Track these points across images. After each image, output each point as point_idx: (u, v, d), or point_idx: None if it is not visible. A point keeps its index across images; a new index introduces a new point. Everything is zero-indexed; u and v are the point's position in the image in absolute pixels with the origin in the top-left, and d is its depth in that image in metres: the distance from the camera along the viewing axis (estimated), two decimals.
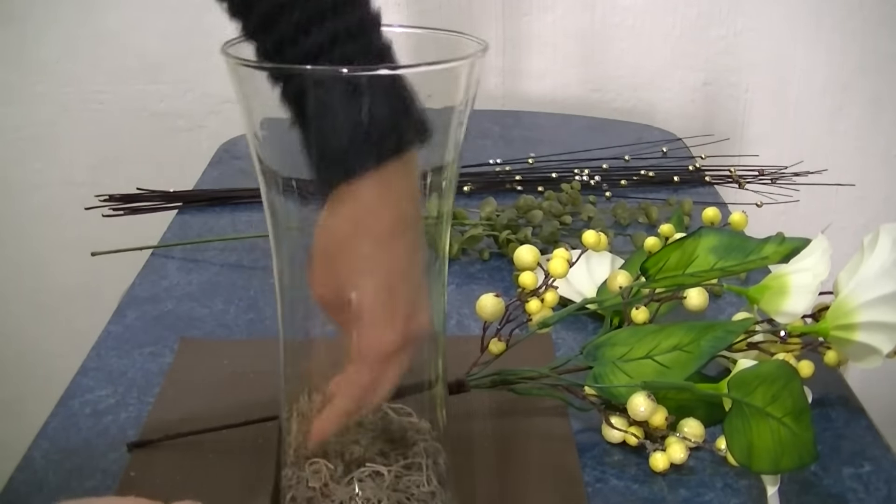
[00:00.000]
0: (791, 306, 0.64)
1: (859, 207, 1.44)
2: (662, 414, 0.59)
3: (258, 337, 0.78)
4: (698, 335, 0.60)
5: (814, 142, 1.43)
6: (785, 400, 0.56)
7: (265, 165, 0.46)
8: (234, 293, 0.85)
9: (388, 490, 0.48)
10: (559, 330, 0.77)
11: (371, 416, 0.51)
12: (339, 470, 0.49)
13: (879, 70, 1.40)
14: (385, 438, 0.50)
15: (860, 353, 0.64)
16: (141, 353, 0.75)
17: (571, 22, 1.39)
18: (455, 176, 0.47)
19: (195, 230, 0.98)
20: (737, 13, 1.38)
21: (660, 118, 1.40)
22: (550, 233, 0.90)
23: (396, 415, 0.51)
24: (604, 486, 0.60)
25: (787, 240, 0.62)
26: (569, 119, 1.32)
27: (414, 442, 0.50)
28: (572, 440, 0.64)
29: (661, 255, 0.64)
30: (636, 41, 1.40)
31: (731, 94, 1.43)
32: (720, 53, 1.41)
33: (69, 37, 1.34)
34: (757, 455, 0.56)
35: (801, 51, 1.40)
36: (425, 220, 0.47)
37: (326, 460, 0.49)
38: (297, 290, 0.49)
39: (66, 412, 0.68)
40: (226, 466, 0.62)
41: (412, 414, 0.51)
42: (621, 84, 1.43)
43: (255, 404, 0.67)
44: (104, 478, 0.61)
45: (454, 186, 0.48)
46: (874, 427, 0.66)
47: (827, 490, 0.60)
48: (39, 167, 1.42)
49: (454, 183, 0.47)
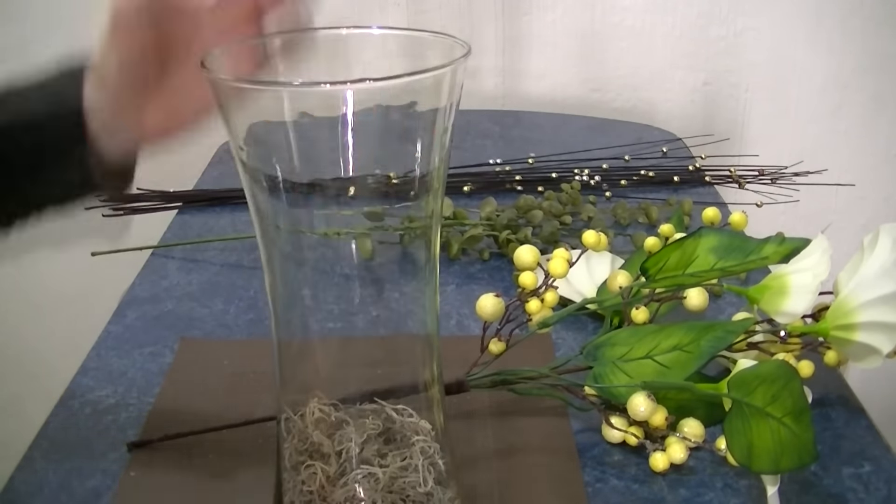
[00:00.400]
0: (791, 306, 0.64)
1: (859, 207, 1.44)
2: (662, 414, 0.59)
3: (258, 337, 0.78)
4: (698, 335, 0.60)
5: (814, 142, 1.43)
6: (785, 400, 0.56)
7: (248, 167, 0.46)
8: (234, 293, 0.85)
9: (382, 492, 0.48)
10: (559, 330, 0.77)
11: (371, 417, 0.51)
12: (336, 472, 0.49)
13: (879, 70, 1.40)
14: (384, 439, 0.50)
15: (860, 353, 0.64)
16: (141, 353, 0.75)
17: (571, 22, 1.39)
18: (443, 179, 0.47)
19: (195, 230, 0.98)
20: (737, 13, 1.38)
21: (660, 118, 1.40)
22: (550, 233, 0.90)
23: (397, 415, 0.51)
24: (604, 486, 0.60)
25: (787, 240, 0.62)
26: (569, 119, 1.32)
27: (413, 442, 0.50)
28: (572, 440, 0.64)
29: (661, 255, 0.64)
30: (636, 41, 1.40)
31: (731, 94, 1.43)
32: (720, 53, 1.41)
33: (69, 37, 1.34)
34: (757, 455, 0.56)
35: (801, 51, 1.40)
36: (419, 221, 0.47)
37: (323, 462, 0.49)
38: (289, 290, 0.49)
39: (66, 412, 0.68)
40: (226, 466, 0.62)
41: (413, 414, 0.51)
42: (621, 84, 1.43)
43: (255, 404, 0.67)
44: (104, 478, 0.61)
45: (443, 189, 0.48)
46: (874, 427, 0.66)
47: (827, 490, 0.60)
48: None
49: (443, 185, 0.47)
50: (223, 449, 0.63)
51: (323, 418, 0.50)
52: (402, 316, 0.51)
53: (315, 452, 0.50)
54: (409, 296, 0.50)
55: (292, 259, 0.48)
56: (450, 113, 0.45)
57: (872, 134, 1.44)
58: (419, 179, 0.46)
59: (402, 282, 0.51)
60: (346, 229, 0.47)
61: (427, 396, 0.51)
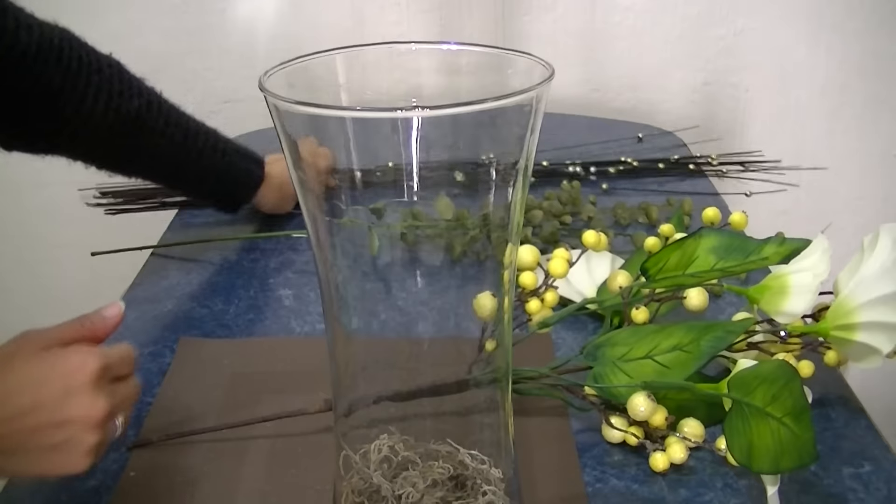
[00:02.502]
0: (791, 306, 0.64)
1: (859, 207, 1.44)
2: (662, 414, 0.60)
3: (258, 337, 0.78)
4: (698, 335, 0.60)
5: (814, 142, 1.43)
6: (785, 400, 0.56)
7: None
8: (234, 293, 0.85)
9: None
10: (559, 330, 0.77)
11: (441, 460, 0.48)
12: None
13: (879, 70, 1.40)
14: (454, 484, 0.48)
15: (860, 353, 0.64)
16: (141, 353, 0.75)
17: (571, 21, 1.39)
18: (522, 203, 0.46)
19: (195, 230, 0.98)
20: (737, 13, 1.38)
21: (660, 118, 1.40)
22: (550, 233, 0.90)
23: (470, 460, 0.48)
24: (604, 486, 0.60)
25: (788, 240, 0.62)
26: (568, 119, 1.32)
27: (483, 492, 0.48)
28: (572, 440, 0.64)
29: (661, 256, 0.64)
30: (636, 41, 1.40)
31: (731, 94, 1.43)
32: (720, 53, 1.41)
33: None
34: (757, 455, 0.56)
35: (801, 51, 1.40)
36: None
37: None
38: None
39: None
40: (225, 466, 0.62)
41: (485, 461, 0.48)
42: (621, 84, 1.43)
43: (256, 404, 0.67)
44: (104, 478, 0.61)
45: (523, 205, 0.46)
46: (874, 427, 0.66)
47: (827, 490, 0.60)
48: (40, 167, 1.42)
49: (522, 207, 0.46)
50: (223, 449, 0.63)
51: (389, 457, 0.48)
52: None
53: (374, 494, 0.47)
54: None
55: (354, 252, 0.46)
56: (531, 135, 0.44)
57: (872, 134, 1.44)
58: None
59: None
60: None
61: (499, 442, 0.49)
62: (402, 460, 0.48)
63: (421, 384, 0.49)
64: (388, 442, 0.48)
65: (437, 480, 0.47)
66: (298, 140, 0.43)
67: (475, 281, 0.48)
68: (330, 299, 0.47)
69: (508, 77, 0.46)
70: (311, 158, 0.44)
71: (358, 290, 0.47)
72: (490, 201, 0.45)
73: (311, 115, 0.41)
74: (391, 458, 0.48)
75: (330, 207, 0.45)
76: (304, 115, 0.41)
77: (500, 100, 0.41)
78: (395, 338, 0.48)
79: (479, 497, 0.48)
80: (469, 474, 0.48)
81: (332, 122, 0.42)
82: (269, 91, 0.42)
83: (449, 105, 0.40)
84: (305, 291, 0.85)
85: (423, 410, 0.50)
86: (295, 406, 0.65)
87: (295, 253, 0.92)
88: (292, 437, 0.64)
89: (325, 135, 0.43)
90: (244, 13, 1.39)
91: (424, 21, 1.37)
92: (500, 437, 0.50)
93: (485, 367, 0.50)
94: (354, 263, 0.46)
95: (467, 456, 0.48)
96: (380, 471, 0.48)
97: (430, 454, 0.48)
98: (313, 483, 0.60)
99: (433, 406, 0.49)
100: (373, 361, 0.50)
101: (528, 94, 0.41)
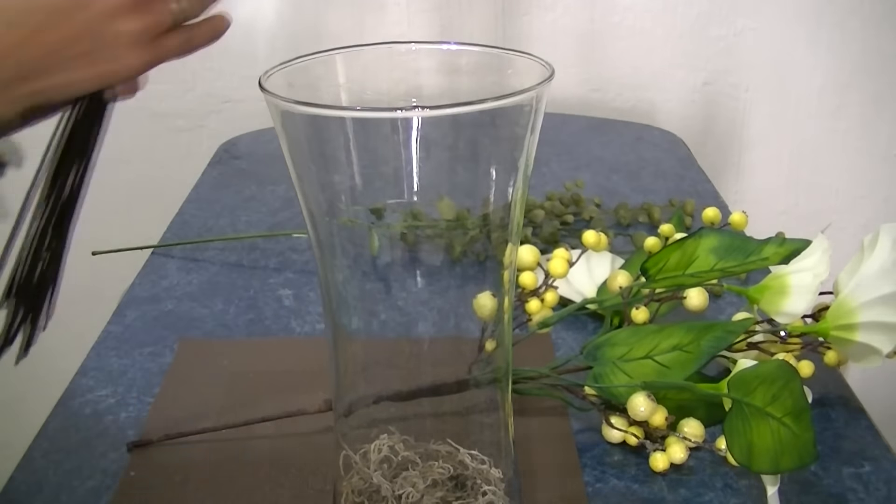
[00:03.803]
0: (791, 306, 0.64)
1: (859, 207, 1.44)
2: (662, 414, 0.59)
3: (258, 337, 0.78)
4: (698, 335, 0.60)
5: (814, 142, 1.43)
6: (785, 400, 0.56)
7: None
8: (234, 293, 0.85)
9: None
10: (559, 330, 0.77)
11: (441, 460, 0.48)
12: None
13: (879, 70, 1.40)
14: (454, 484, 0.48)
15: (860, 353, 0.64)
16: (141, 353, 0.75)
17: (571, 21, 1.39)
18: (521, 206, 0.46)
19: (195, 230, 0.98)
20: (737, 13, 1.38)
21: (660, 118, 1.40)
22: (550, 233, 0.90)
23: (470, 460, 0.48)
24: (604, 486, 0.60)
25: (788, 241, 0.62)
26: (569, 119, 1.32)
27: (483, 492, 0.48)
28: (572, 440, 0.64)
29: (661, 256, 0.64)
30: (636, 41, 1.40)
31: (731, 94, 1.43)
32: (720, 53, 1.41)
33: None
34: (757, 455, 0.56)
35: (801, 51, 1.40)
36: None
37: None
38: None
39: (66, 412, 0.68)
40: (225, 466, 0.62)
41: (485, 461, 0.48)
42: (621, 84, 1.43)
43: (256, 404, 0.67)
44: (104, 478, 0.61)
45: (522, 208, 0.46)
46: (874, 427, 0.66)
47: (827, 490, 0.60)
48: None
49: (522, 208, 0.46)
50: (223, 449, 0.63)
51: (389, 457, 0.48)
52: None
53: (374, 494, 0.47)
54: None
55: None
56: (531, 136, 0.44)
57: (872, 134, 1.44)
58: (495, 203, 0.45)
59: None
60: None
61: (499, 442, 0.49)
62: (402, 460, 0.48)
63: (421, 384, 0.49)
64: (388, 442, 0.48)
65: (437, 480, 0.47)
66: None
67: (475, 281, 0.48)
68: (330, 299, 0.47)
69: (508, 77, 0.46)
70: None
71: (358, 290, 0.47)
72: (490, 201, 0.45)
73: (311, 115, 0.41)
74: (391, 458, 0.48)
75: (330, 207, 0.45)
76: (304, 115, 0.42)
77: (500, 100, 0.41)
78: (395, 338, 0.48)
79: (479, 497, 0.48)
80: (469, 474, 0.48)
81: (332, 122, 0.43)
82: (269, 91, 0.42)
83: (449, 105, 0.40)
84: (305, 291, 0.85)
85: (423, 410, 0.49)
86: (295, 406, 0.65)
87: (295, 253, 0.92)
88: (292, 437, 0.64)
89: (325, 135, 0.43)
90: (244, 13, 1.39)
91: (424, 21, 1.37)
92: (500, 437, 0.50)
93: (485, 367, 0.49)
94: (354, 263, 0.46)
95: (467, 456, 0.48)
96: (380, 471, 0.48)
97: (430, 454, 0.48)
98: (313, 483, 0.60)
99: (433, 406, 0.49)
100: (373, 361, 0.50)
101: (528, 94, 0.42)
